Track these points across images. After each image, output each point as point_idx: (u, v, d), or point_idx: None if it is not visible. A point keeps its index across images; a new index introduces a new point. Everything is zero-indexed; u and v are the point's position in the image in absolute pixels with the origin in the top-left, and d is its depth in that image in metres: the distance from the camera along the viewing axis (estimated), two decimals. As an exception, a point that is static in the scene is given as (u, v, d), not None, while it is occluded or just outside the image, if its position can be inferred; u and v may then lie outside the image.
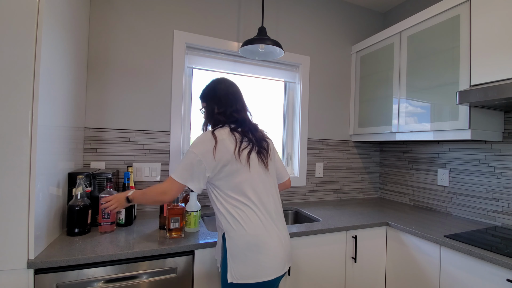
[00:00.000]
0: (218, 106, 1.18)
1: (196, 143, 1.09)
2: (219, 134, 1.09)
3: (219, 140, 1.07)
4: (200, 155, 1.05)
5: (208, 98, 1.22)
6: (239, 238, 1.03)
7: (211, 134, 1.09)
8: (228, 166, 1.07)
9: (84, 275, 1.05)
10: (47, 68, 1.06)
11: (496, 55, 1.34)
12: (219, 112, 1.17)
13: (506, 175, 1.60)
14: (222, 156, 1.06)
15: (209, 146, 1.06)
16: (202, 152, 1.06)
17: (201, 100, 1.26)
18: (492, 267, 1.16)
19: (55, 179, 1.18)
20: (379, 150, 2.50)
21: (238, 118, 1.17)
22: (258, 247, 1.02)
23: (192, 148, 1.07)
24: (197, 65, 1.91)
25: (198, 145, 1.07)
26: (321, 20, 2.27)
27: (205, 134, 1.11)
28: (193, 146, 1.08)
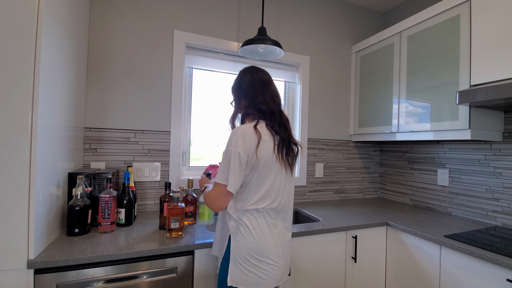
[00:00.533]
0: (245, 98, 1.11)
1: (237, 139, 0.99)
2: (262, 129, 1.02)
3: (263, 136, 1.01)
4: (245, 154, 0.98)
5: (235, 89, 1.16)
6: (246, 244, 1.00)
7: (253, 128, 1.01)
8: (260, 168, 1.01)
9: (84, 275, 1.05)
10: (47, 68, 1.06)
11: (496, 55, 1.33)
12: (247, 105, 1.10)
13: (506, 175, 1.60)
14: (262, 156, 1.00)
15: (253, 143, 0.99)
16: (247, 150, 0.98)
17: (232, 93, 1.20)
18: (492, 267, 1.16)
19: (55, 179, 1.18)
20: (379, 150, 2.50)
21: (266, 110, 1.08)
22: (263, 257, 1.00)
23: (234, 147, 0.98)
24: (197, 65, 1.91)
25: (239, 142, 0.98)
26: (321, 20, 2.27)
27: (246, 129, 1.01)
28: (235, 144, 0.98)
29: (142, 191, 1.71)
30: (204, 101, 1.97)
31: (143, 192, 1.71)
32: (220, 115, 2.02)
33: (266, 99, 1.09)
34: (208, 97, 1.98)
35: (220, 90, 2.02)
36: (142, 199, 1.71)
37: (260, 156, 1.00)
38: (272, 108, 1.09)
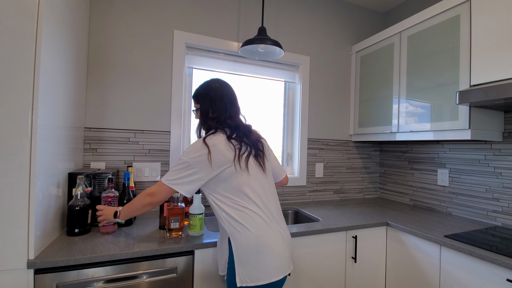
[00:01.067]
0: (212, 110, 1.17)
1: (188, 151, 1.08)
2: (211, 141, 1.08)
3: (211, 146, 1.07)
4: (194, 163, 1.05)
5: (202, 99, 1.19)
6: (245, 240, 1.02)
7: (202, 142, 1.08)
8: (227, 171, 1.07)
9: (84, 275, 1.05)
10: (47, 68, 1.06)
11: (496, 55, 1.33)
12: (213, 117, 1.16)
13: (506, 175, 1.60)
14: (219, 161, 1.06)
15: (203, 155, 1.06)
16: (196, 160, 1.05)
17: (194, 100, 1.24)
18: (492, 267, 1.16)
19: (55, 179, 1.18)
20: (379, 150, 2.50)
21: (232, 124, 1.15)
22: (264, 248, 1.02)
23: (185, 156, 1.07)
24: (197, 65, 1.91)
25: (190, 153, 1.07)
26: (321, 20, 2.27)
27: (197, 143, 1.10)
28: (186, 154, 1.08)
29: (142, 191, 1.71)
30: (204, 101, 1.97)
31: (143, 192, 1.71)
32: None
33: (232, 114, 1.18)
34: (208, 97, 1.98)
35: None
36: (142, 199, 1.70)
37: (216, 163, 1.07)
38: (237, 122, 1.18)
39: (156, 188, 1.09)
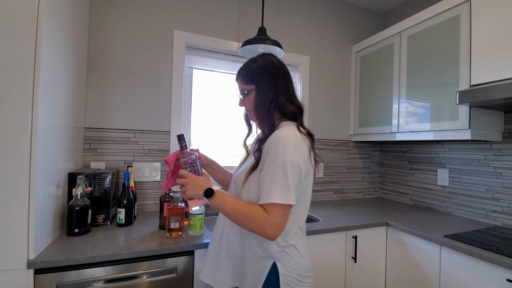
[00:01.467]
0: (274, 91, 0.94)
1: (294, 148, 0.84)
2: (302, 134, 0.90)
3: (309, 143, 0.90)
4: (302, 165, 0.86)
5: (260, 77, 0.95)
6: (297, 266, 0.91)
7: (299, 132, 0.89)
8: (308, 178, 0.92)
9: (84, 275, 1.05)
10: (47, 68, 1.06)
11: (496, 55, 1.33)
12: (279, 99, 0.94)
13: (506, 175, 1.60)
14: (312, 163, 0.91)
15: (306, 150, 0.88)
16: (304, 158, 0.86)
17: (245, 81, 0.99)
18: (492, 267, 1.16)
19: (55, 179, 1.18)
20: (379, 150, 2.50)
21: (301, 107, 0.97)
22: (311, 271, 0.95)
23: (294, 157, 0.84)
24: (197, 65, 1.91)
25: (298, 152, 0.85)
26: (321, 20, 2.27)
27: (295, 134, 0.88)
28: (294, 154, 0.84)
29: (142, 191, 1.71)
30: (204, 101, 1.97)
31: (143, 192, 1.71)
32: (220, 115, 2.02)
33: (294, 94, 0.98)
34: (208, 97, 1.98)
35: (220, 90, 2.02)
36: (142, 199, 1.71)
37: (312, 163, 0.91)
38: (301, 106, 0.99)
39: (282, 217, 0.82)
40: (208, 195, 0.89)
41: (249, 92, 0.98)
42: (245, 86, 0.99)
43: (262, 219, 0.81)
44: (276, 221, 0.81)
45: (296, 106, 0.97)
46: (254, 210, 0.83)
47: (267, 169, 0.85)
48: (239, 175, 0.98)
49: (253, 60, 1.00)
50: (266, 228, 0.81)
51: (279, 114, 0.97)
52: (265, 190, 0.83)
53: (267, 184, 0.83)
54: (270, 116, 0.94)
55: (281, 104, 0.94)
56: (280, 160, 0.83)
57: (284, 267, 0.89)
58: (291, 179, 0.82)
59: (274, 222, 0.81)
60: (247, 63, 1.01)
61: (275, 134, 0.87)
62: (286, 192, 0.81)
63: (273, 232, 0.81)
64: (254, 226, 0.82)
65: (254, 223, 0.82)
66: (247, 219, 0.83)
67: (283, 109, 0.95)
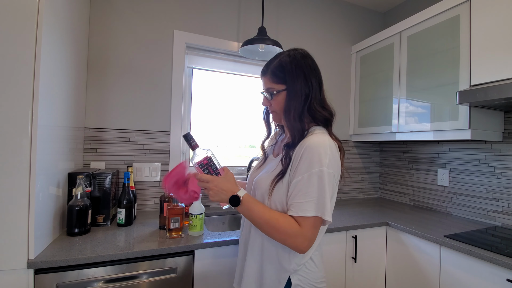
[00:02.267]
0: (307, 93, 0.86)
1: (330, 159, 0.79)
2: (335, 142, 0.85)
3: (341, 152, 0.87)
4: (337, 176, 0.82)
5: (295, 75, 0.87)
6: (311, 276, 0.88)
7: (334, 142, 0.85)
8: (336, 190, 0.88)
9: (84, 275, 1.05)
10: (47, 68, 1.06)
11: (496, 55, 1.33)
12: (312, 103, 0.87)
13: (506, 175, 1.60)
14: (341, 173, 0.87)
15: (339, 161, 0.84)
16: (337, 169, 0.83)
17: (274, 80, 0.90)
18: (492, 267, 1.16)
19: (55, 179, 1.18)
20: (379, 150, 2.50)
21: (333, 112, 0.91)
22: (323, 279, 0.92)
23: (329, 168, 0.79)
24: (197, 65, 1.91)
25: (333, 163, 0.80)
26: (321, 20, 2.27)
27: (331, 143, 0.82)
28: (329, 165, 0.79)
29: (142, 191, 1.71)
30: (204, 101, 1.97)
31: (143, 192, 1.71)
32: (221, 115, 2.02)
33: (325, 99, 0.92)
34: (208, 97, 1.98)
35: (220, 90, 2.02)
36: (142, 199, 1.71)
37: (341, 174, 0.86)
38: (332, 110, 0.92)
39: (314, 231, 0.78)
40: (234, 203, 0.83)
41: (279, 92, 0.89)
42: (274, 85, 0.90)
43: (295, 233, 0.77)
44: (309, 236, 0.77)
45: (328, 112, 0.90)
46: (286, 222, 0.78)
47: (300, 178, 0.79)
48: (262, 180, 0.91)
49: (287, 54, 0.90)
50: (298, 242, 0.77)
51: (309, 118, 0.90)
52: (298, 201, 0.78)
53: (301, 195, 0.78)
54: (302, 120, 0.87)
55: (314, 108, 0.88)
56: (316, 170, 0.77)
57: (298, 277, 0.86)
58: (328, 192, 0.77)
59: (307, 237, 0.77)
60: (279, 57, 0.91)
61: (310, 141, 0.81)
62: (321, 205, 0.77)
63: (304, 247, 0.78)
64: (286, 239, 0.78)
65: (286, 236, 0.78)
66: (278, 232, 0.78)
67: (315, 113, 0.88)
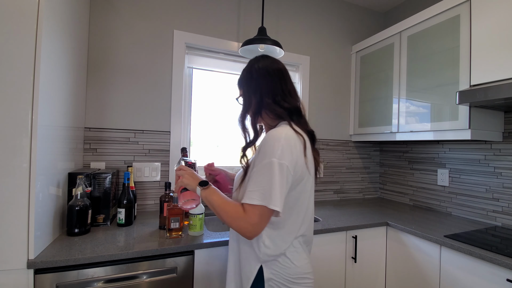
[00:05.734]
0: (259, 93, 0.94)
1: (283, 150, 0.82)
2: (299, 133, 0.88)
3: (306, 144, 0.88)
4: (291, 167, 0.82)
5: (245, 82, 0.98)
6: (284, 271, 0.89)
7: (294, 132, 0.87)
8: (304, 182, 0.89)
9: (84, 275, 1.05)
10: (47, 68, 1.06)
11: (496, 55, 1.33)
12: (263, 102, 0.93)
13: (506, 175, 1.60)
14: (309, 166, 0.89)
15: (298, 152, 0.85)
16: (292, 161, 0.83)
17: (239, 87, 1.02)
18: (492, 267, 1.16)
19: (55, 179, 1.18)
20: (379, 150, 2.50)
21: (291, 107, 0.93)
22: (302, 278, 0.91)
23: (281, 159, 0.81)
24: (197, 65, 1.91)
25: (286, 153, 0.82)
26: (321, 20, 2.27)
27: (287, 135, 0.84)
28: (281, 156, 0.81)
29: (142, 191, 1.71)
30: (204, 101, 1.97)
31: (143, 192, 1.71)
32: (220, 115, 2.02)
33: (286, 94, 0.95)
34: (208, 97, 1.98)
35: (220, 90, 2.02)
36: (142, 199, 1.71)
37: (308, 166, 0.88)
38: (295, 105, 0.95)
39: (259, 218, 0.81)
40: (203, 184, 0.91)
41: (239, 97, 1.02)
42: (239, 92, 1.03)
43: (239, 217, 0.82)
44: (252, 222, 0.80)
45: (284, 108, 0.93)
46: (234, 207, 0.84)
47: (255, 169, 0.84)
48: (236, 181, 1.00)
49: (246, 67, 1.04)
50: (241, 225, 0.82)
51: (272, 115, 0.95)
52: (247, 190, 0.83)
53: (251, 184, 0.83)
54: (253, 121, 0.96)
55: (268, 106, 0.93)
56: (266, 162, 0.81)
57: (270, 271, 0.88)
58: (277, 182, 0.80)
59: (250, 222, 0.81)
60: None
61: (267, 135, 0.86)
62: (268, 195, 0.79)
63: (248, 231, 0.82)
64: (231, 222, 0.83)
65: (231, 219, 0.83)
66: (226, 214, 0.84)
67: (274, 110, 0.94)
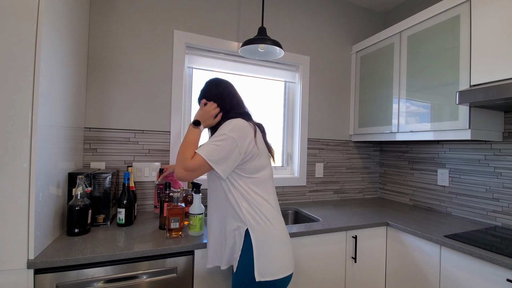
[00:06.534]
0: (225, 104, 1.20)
1: (233, 128, 1.04)
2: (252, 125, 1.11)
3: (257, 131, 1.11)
4: (238, 141, 1.03)
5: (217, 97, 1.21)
6: (267, 233, 1.03)
7: (248, 122, 1.10)
8: (257, 159, 1.08)
9: (84, 275, 1.05)
10: (47, 68, 1.06)
11: (496, 55, 1.33)
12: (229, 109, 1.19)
13: (506, 175, 1.60)
14: (259, 146, 1.10)
15: (250, 133, 1.07)
16: (241, 137, 1.04)
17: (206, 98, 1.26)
18: (492, 267, 1.16)
19: (55, 179, 1.18)
20: (379, 150, 2.50)
21: (243, 112, 1.20)
22: (284, 242, 1.06)
23: (230, 133, 1.03)
24: (197, 65, 1.91)
25: (235, 131, 1.04)
26: (321, 20, 2.27)
27: (241, 120, 1.09)
28: (231, 131, 1.04)
29: (142, 191, 1.71)
30: (204, 101, 1.97)
31: (143, 192, 1.71)
32: (220, 115, 2.02)
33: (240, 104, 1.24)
34: (208, 97, 1.98)
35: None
36: (142, 199, 1.71)
37: (258, 145, 1.10)
38: (245, 110, 1.23)
39: (196, 163, 1.01)
40: (196, 124, 1.14)
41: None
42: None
43: (185, 158, 1.02)
44: (190, 166, 1.01)
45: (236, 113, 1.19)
46: (189, 150, 1.05)
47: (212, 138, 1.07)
48: None
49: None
50: (180, 163, 1.02)
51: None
52: (201, 145, 1.05)
53: (205, 143, 1.05)
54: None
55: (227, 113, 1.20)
56: (220, 133, 1.04)
57: (255, 233, 1.02)
58: (223, 148, 1.01)
59: (188, 165, 1.01)
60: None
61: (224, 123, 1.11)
62: (212, 153, 1.01)
63: (182, 168, 1.02)
64: (178, 156, 1.04)
65: (180, 155, 1.04)
66: (181, 150, 1.06)
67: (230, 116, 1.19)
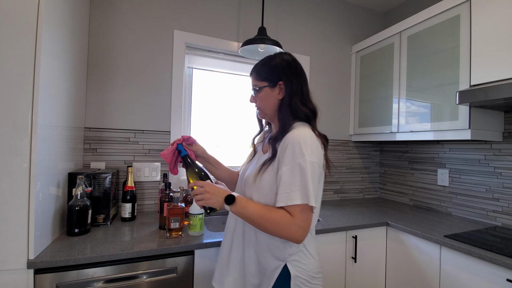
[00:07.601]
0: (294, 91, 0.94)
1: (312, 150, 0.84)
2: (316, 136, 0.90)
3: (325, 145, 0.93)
4: (320, 165, 0.87)
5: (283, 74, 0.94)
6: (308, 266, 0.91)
7: (315, 134, 0.91)
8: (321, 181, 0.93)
9: (84, 275, 1.05)
10: (47, 68, 1.06)
11: (496, 55, 1.33)
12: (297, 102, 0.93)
13: (506, 175, 1.60)
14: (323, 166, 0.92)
15: (321, 152, 0.89)
16: (320, 160, 0.87)
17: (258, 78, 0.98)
18: (492, 267, 1.16)
19: (55, 179, 1.18)
20: (379, 150, 2.50)
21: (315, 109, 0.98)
22: (320, 273, 0.95)
23: (312, 158, 0.83)
24: (197, 65, 1.91)
25: (315, 153, 0.85)
26: (321, 20, 2.27)
27: (311, 135, 0.88)
28: (312, 155, 0.83)
29: (142, 191, 1.71)
30: (204, 101, 1.97)
31: (143, 192, 1.71)
32: (220, 115, 2.02)
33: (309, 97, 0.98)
34: (208, 97, 1.98)
35: (220, 90, 2.02)
36: (142, 199, 1.71)
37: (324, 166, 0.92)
38: (314, 108, 0.99)
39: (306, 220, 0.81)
40: (229, 201, 0.87)
41: (261, 89, 0.97)
42: (257, 82, 0.98)
43: (288, 223, 0.80)
44: (302, 224, 0.80)
45: (309, 109, 0.96)
46: (279, 214, 0.82)
47: (285, 169, 0.83)
48: (250, 176, 0.95)
49: (271, 57, 0.99)
50: (293, 231, 0.80)
51: (291, 115, 0.95)
52: (285, 192, 0.81)
53: (287, 185, 0.82)
54: (283, 115, 0.93)
55: (294, 105, 0.93)
56: (299, 161, 0.82)
57: (296, 268, 0.88)
58: (310, 180, 0.81)
59: (300, 225, 0.80)
60: (264, 59, 1.00)
61: (292, 134, 0.87)
62: (307, 193, 0.80)
63: (299, 235, 0.81)
64: (280, 231, 0.81)
65: (280, 228, 0.81)
66: (272, 224, 0.81)
67: (296, 110, 0.94)
